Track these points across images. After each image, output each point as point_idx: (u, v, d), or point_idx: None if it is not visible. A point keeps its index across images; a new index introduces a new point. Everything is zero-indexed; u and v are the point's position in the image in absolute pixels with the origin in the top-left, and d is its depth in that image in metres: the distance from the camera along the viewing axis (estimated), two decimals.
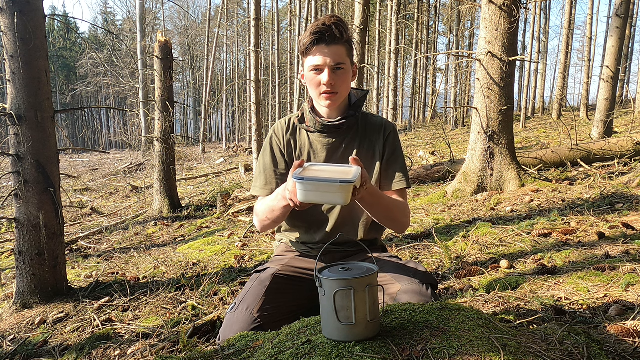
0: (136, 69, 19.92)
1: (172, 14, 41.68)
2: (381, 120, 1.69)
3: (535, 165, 6.02)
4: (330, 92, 1.51)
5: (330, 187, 1.15)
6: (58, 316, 2.64)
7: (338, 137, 1.63)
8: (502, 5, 4.65)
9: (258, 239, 4.19)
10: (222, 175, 10.76)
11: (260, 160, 1.72)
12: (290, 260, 1.69)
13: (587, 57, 17.57)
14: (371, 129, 1.66)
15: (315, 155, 1.65)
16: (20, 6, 2.66)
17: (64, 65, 47.53)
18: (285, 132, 1.68)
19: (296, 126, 1.68)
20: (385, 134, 1.66)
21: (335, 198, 1.16)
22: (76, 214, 6.87)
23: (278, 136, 1.68)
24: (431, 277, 1.51)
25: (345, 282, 1.00)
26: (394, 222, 1.57)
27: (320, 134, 1.63)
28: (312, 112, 1.63)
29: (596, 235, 2.93)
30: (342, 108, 1.61)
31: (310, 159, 1.65)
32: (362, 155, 1.64)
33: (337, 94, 1.52)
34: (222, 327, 1.46)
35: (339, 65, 1.49)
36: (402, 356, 0.96)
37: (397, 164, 1.64)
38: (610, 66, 8.98)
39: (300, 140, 1.67)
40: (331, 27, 1.46)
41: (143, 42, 17.64)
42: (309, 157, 1.66)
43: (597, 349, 1.10)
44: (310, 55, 1.50)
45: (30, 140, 2.72)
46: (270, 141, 1.69)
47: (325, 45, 1.48)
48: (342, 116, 1.60)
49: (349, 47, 1.53)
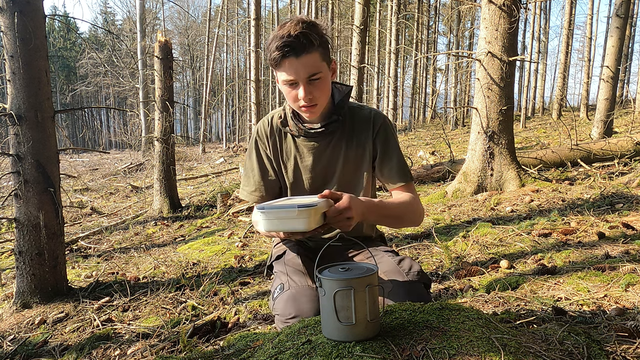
0: (136, 69, 19.92)
1: (172, 14, 41.72)
2: (369, 113, 1.57)
3: (535, 165, 6.02)
4: (308, 105, 1.41)
5: (289, 212, 1.14)
6: (58, 316, 2.64)
7: (324, 140, 1.56)
8: (502, 5, 4.65)
9: (258, 239, 4.19)
10: (222, 175, 10.75)
11: (248, 164, 1.66)
12: (292, 246, 1.67)
13: (587, 57, 17.56)
14: (359, 126, 1.56)
15: (301, 159, 1.59)
16: (20, 6, 2.66)
17: (64, 65, 47.53)
18: (270, 135, 1.60)
19: (280, 129, 1.60)
20: (374, 130, 1.55)
21: (296, 224, 1.15)
22: (76, 214, 6.87)
23: (262, 139, 1.62)
24: (425, 276, 1.48)
25: (345, 282, 1.00)
26: (405, 223, 1.54)
27: (305, 137, 1.56)
28: (294, 117, 1.54)
29: (596, 235, 2.93)
30: (325, 112, 1.52)
31: (297, 163, 1.60)
32: (352, 156, 1.56)
33: (317, 105, 1.43)
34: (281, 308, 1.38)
35: (314, 75, 1.36)
36: (402, 356, 0.96)
37: (393, 160, 1.54)
38: (610, 66, 8.98)
39: (286, 144, 1.60)
40: (299, 38, 1.30)
41: (143, 42, 17.64)
42: (296, 161, 1.60)
43: (597, 349, 1.10)
44: (281, 70, 1.36)
45: (30, 140, 2.72)
46: (256, 145, 1.63)
47: (296, 58, 1.32)
48: (325, 122, 1.51)
49: (324, 49, 1.38)
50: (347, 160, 1.57)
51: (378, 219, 1.43)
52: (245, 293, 2.70)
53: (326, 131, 1.52)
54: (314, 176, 1.60)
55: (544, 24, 24.61)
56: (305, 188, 1.62)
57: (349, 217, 1.22)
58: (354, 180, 1.60)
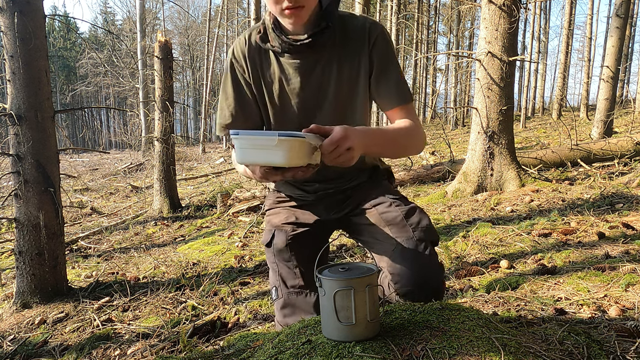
0: (136, 69, 19.91)
1: (172, 14, 41.72)
2: (364, 23, 1.34)
3: (535, 165, 6.02)
4: (293, 7, 1.19)
5: (267, 140, 0.96)
6: (58, 316, 2.64)
7: (312, 56, 1.32)
8: (502, 5, 4.65)
9: (258, 239, 4.19)
10: (222, 175, 10.75)
11: (222, 93, 1.42)
12: (288, 214, 1.47)
13: (587, 57, 17.56)
14: (353, 38, 1.33)
15: (287, 81, 1.35)
16: (21, 6, 2.66)
17: (64, 65, 47.53)
18: (248, 55, 1.36)
19: (259, 47, 1.35)
20: (370, 41, 1.33)
21: (274, 156, 0.97)
22: (76, 214, 6.87)
23: (239, 61, 1.37)
24: (433, 233, 1.33)
25: (345, 282, 1.00)
26: (409, 151, 1.39)
27: (290, 54, 1.32)
28: (276, 29, 1.30)
29: (596, 235, 2.93)
30: (312, 19, 1.28)
31: (282, 87, 1.36)
32: (345, 74, 1.34)
33: (304, 8, 1.21)
34: (278, 317, 1.37)
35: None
36: (402, 356, 0.96)
37: (391, 78, 1.35)
38: (610, 66, 8.97)
39: (268, 64, 1.35)
40: None
41: (143, 42, 17.63)
42: (281, 84, 1.36)
43: (597, 349, 1.10)
44: None
45: (30, 140, 2.72)
46: (232, 68, 1.39)
47: None
48: (312, 32, 1.28)
49: None
50: (340, 78, 1.35)
51: (380, 149, 1.28)
52: (245, 293, 2.70)
53: (314, 43, 1.28)
54: (303, 101, 1.37)
55: (544, 24, 24.62)
56: (292, 118, 1.39)
57: (349, 148, 1.06)
58: (349, 104, 1.39)
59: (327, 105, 1.37)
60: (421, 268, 1.28)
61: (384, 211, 1.37)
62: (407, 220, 1.33)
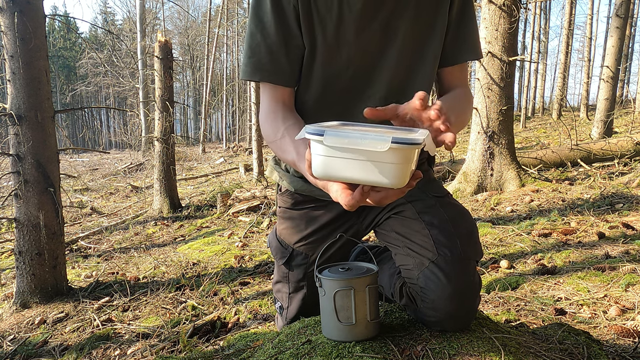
0: (136, 69, 19.92)
1: (172, 14, 41.70)
2: None
3: (535, 165, 6.02)
4: None
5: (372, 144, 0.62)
6: (58, 316, 2.64)
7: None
8: (502, 5, 4.65)
9: (258, 239, 4.19)
10: (222, 175, 10.75)
11: (253, 22, 1.00)
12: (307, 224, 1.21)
13: (587, 57, 17.57)
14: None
15: (349, 6, 0.97)
16: (21, 6, 2.66)
17: (64, 65, 47.53)
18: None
19: None
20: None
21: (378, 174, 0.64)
22: (76, 214, 6.87)
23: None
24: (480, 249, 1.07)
25: (345, 282, 1.00)
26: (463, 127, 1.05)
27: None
28: None
29: (596, 235, 2.93)
30: None
31: (341, 14, 0.98)
32: (423, 5, 1.00)
33: None
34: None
35: None
36: (402, 356, 0.96)
37: (471, 24, 1.06)
38: (610, 66, 8.97)
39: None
40: None
41: (143, 42, 17.63)
42: (340, 11, 0.98)
43: (597, 349, 1.10)
44: None
45: (30, 140, 2.72)
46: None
47: None
48: None
49: None
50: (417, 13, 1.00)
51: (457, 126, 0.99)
52: (245, 293, 2.70)
53: None
54: (362, 42, 1.01)
55: (544, 24, 24.61)
56: (342, 68, 1.03)
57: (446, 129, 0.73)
58: (419, 54, 1.04)
59: (393, 52, 1.03)
60: (461, 295, 1.01)
61: (423, 210, 1.08)
62: (455, 228, 1.05)
